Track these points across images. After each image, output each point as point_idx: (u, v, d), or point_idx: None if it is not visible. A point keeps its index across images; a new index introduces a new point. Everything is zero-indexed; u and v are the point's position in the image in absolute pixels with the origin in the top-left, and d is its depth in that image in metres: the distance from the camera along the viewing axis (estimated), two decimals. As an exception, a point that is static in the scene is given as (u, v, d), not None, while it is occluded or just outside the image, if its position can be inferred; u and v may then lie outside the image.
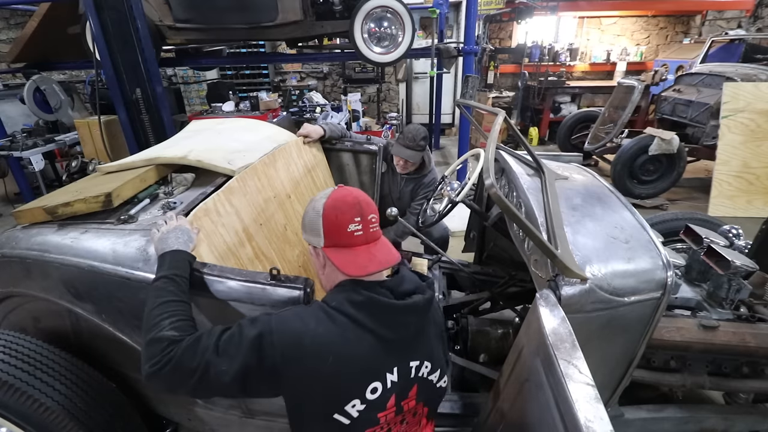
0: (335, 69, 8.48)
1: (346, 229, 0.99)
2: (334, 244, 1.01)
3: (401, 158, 2.45)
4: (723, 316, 1.61)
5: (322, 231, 1.01)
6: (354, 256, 1.00)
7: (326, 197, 1.03)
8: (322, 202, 1.03)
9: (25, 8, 6.29)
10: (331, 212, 1.00)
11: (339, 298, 0.99)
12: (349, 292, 0.99)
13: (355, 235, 1.00)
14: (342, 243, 1.01)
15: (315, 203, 1.05)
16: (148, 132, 3.34)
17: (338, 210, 1.00)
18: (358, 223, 1.00)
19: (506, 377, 1.21)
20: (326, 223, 1.01)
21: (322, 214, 1.01)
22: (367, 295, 0.97)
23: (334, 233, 1.00)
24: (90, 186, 1.58)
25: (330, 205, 1.01)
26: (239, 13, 3.79)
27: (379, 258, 1.00)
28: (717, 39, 5.97)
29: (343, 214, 1.00)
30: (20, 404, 1.18)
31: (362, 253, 1.00)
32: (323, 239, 1.02)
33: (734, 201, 4.36)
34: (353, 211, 1.00)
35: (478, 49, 5.47)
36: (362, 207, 1.02)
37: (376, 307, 0.97)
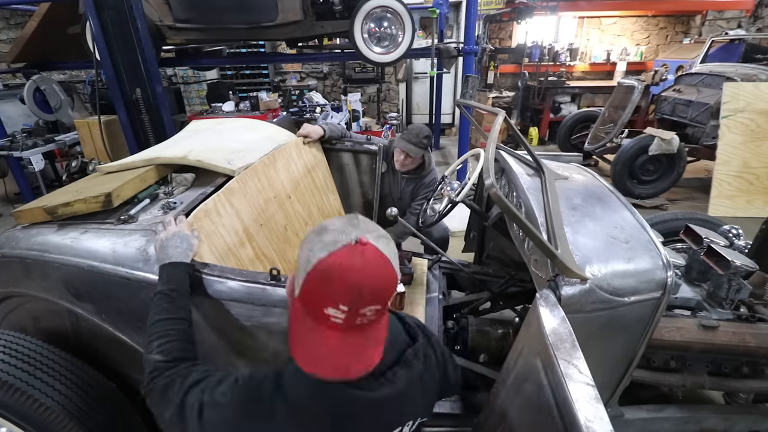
0: (335, 69, 8.48)
1: (323, 310, 0.74)
2: (304, 307, 0.77)
3: (402, 152, 2.44)
4: (723, 316, 1.61)
5: (301, 285, 0.76)
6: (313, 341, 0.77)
7: (329, 252, 0.73)
8: (321, 254, 0.73)
9: (25, 8, 6.29)
10: (317, 278, 0.73)
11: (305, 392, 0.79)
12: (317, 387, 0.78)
13: (330, 320, 0.74)
14: (311, 314, 0.76)
15: (314, 247, 0.75)
16: (148, 132, 3.34)
17: (327, 283, 0.73)
18: (341, 312, 0.73)
19: (506, 377, 1.21)
20: (308, 284, 0.75)
21: (308, 272, 0.74)
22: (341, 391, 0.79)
23: (309, 301, 0.76)
24: (90, 186, 1.58)
25: (322, 270, 0.73)
26: (239, 13, 3.79)
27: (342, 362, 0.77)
28: (717, 39, 5.97)
29: (326, 293, 0.73)
30: (20, 404, 1.18)
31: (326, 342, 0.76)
32: (299, 291, 0.77)
33: (734, 201, 4.36)
34: (344, 297, 0.72)
35: (478, 49, 5.47)
36: (361, 297, 0.72)
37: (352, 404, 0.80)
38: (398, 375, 0.85)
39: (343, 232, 0.75)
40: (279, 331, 1.20)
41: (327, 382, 0.77)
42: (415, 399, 0.90)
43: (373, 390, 0.81)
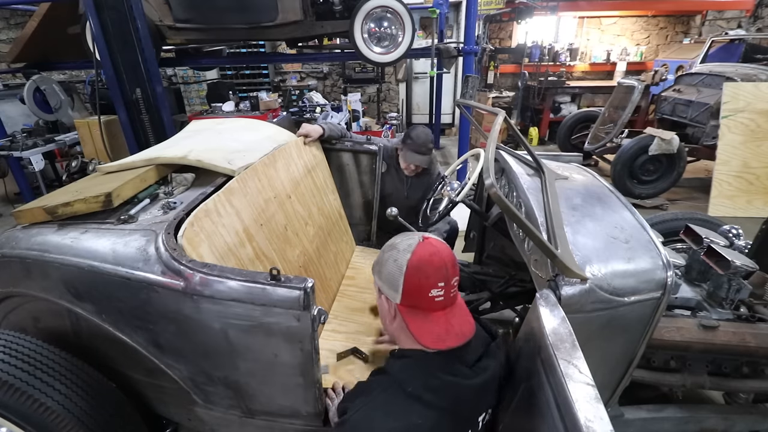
0: (335, 69, 8.48)
1: (428, 294, 0.93)
2: (411, 305, 0.96)
3: (413, 164, 2.44)
4: (723, 316, 1.61)
5: (401, 289, 0.95)
6: (431, 324, 0.95)
7: (411, 252, 0.94)
8: (406, 257, 0.94)
9: (25, 8, 6.29)
10: (414, 273, 0.93)
11: (416, 383, 0.93)
12: (425, 377, 0.94)
13: (435, 301, 0.94)
14: (420, 306, 0.95)
15: (398, 256, 0.96)
16: (148, 132, 3.34)
17: (423, 273, 0.93)
18: (441, 288, 0.93)
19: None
20: (408, 283, 0.94)
21: (405, 272, 0.94)
22: (445, 380, 0.94)
23: (414, 295, 0.94)
24: (90, 186, 1.58)
25: (415, 266, 0.93)
26: (239, 13, 3.78)
27: (456, 329, 0.96)
28: (717, 39, 5.97)
29: (428, 279, 0.93)
30: (20, 404, 1.18)
31: (440, 322, 0.95)
32: (401, 297, 0.96)
33: (734, 201, 4.36)
34: (439, 275, 0.93)
35: (478, 49, 5.47)
36: (449, 271, 0.95)
37: (455, 391, 0.94)
38: (488, 365, 1.01)
39: (409, 238, 0.99)
40: (279, 331, 1.20)
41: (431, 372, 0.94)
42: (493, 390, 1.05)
43: (470, 378, 0.97)
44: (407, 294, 0.95)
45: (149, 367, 1.39)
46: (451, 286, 0.96)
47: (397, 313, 0.99)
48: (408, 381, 0.94)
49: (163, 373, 1.38)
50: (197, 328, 1.25)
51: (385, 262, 0.99)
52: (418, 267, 0.93)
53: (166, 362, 1.35)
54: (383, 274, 0.99)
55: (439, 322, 0.95)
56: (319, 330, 1.40)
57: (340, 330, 1.96)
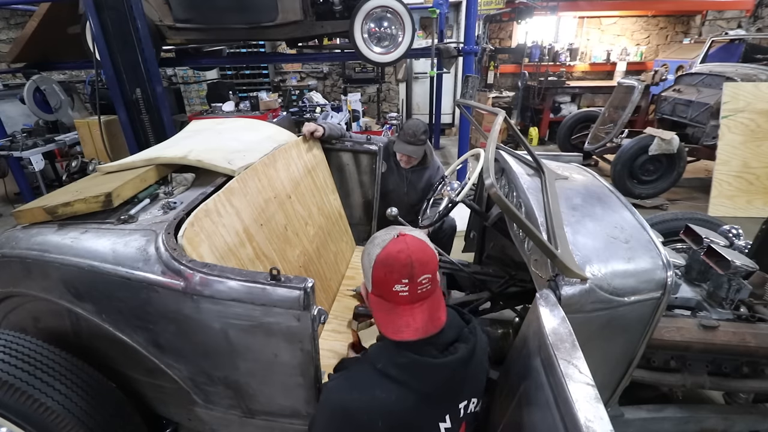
0: (335, 69, 8.48)
1: (391, 288, 0.99)
2: (379, 294, 1.02)
3: (404, 154, 2.46)
4: (723, 316, 1.61)
5: (371, 280, 1.03)
6: (393, 316, 1.00)
7: (382, 247, 1.01)
8: (376, 251, 1.01)
9: (25, 8, 6.29)
10: (380, 267, 1.00)
11: (383, 359, 1.01)
12: (393, 354, 1.01)
13: (399, 295, 0.99)
14: (386, 298, 1.01)
15: (372, 249, 1.03)
16: (148, 132, 3.34)
17: (387, 267, 0.99)
18: (404, 285, 0.98)
19: (506, 377, 1.21)
20: (375, 274, 1.01)
21: (373, 265, 1.01)
22: (412, 358, 0.99)
23: (380, 287, 1.01)
24: (90, 186, 1.58)
25: (381, 260, 0.99)
26: (239, 13, 3.78)
27: (419, 325, 1.00)
28: (717, 39, 5.97)
29: (391, 274, 0.98)
30: (20, 404, 1.18)
31: (402, 315, 1.00)
32: (371, 286, 1.04)
33: (734, 201, 4.36)
34: (403, 272, 0.98)
35: (478, 49, 5.47)
36: (413, 269, 0.98)
37: (421, 368, 0.99)
38: (459, 348, 1.04)
39: (387, 233, 1.04)
40: (279, 331, 1.20)
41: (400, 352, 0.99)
42: (475, 374, 1.09)
43: (438, 358, 1.01)
44: (375, 285, 1.02)
45: (149, 367, 1.39)
46: (418, 284, 0.99)
47: (370, 299, 1.07)
48: (378, 358, 1.03)
49: (163, 373, 1.38)
50: (197, 328, 1.25)
51: (365, 253, 1.07)
52: (384, 262, 0.99)
53: (166, 362, 1.35)
54: (363, 262, 1.07)
55: (402, 315, 1.00)
56: (319, 330, 1.40)
57: (340, 330, 1.96)
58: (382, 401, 0.97)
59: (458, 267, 2.25)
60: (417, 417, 0.99)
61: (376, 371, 1.00)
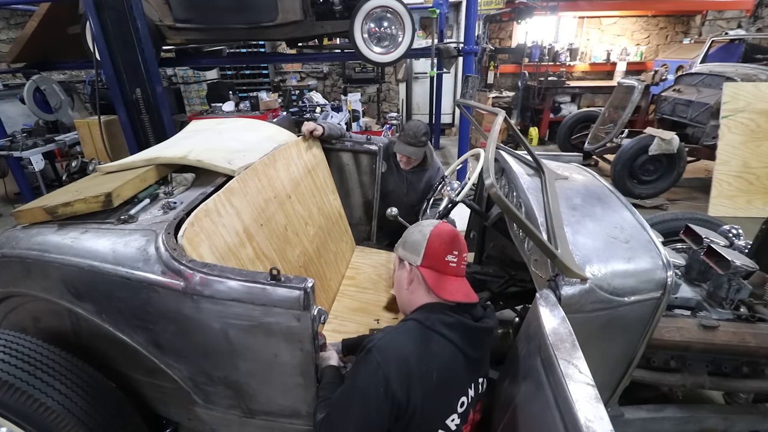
0: (335, 69, 8.48)
1: (444, 258, 1.14)
2: (430, 265, 1.15)
3: (404, 155, 2.45)
4: (723, 316, 1.61)
5: (423, 251, 1.15)
6: (446, 282, 1.14)
7: (433, 226, 1.18)
8: (429, 228, 1.17)
9: (25, 8, 6.29)
10: (436, 239, 1.15)
11: (432, 318, 1.10)
12: (440, 315, 1.11)
13: (450, 265, 1.15)
14: (438, 267, 1.14)
15: (422, 227, 1.19)
16: (148, 132, 3.34)
17: (442, 240, 1.15)
18: (455, 256, 1.15)
19: (506, 377, 1.21)
20: (429, 246, 1.14)
21: (428, 238, 1.15)
22: (458, 318, 1.11)
23: (433, 257, 1.14)
24: (90, 186, 1.58)
25: (436, 233, 1.16)
26: (239, 13, 3.78)
27: (465, 291, 1.15)
28: (717, 39, 5.97)
29: (445, 245, 1.15)
30: (20, 404, 1.18)
31: (453, 282, 1.15)
32: (421, 259, 1.15)
33: (734, 201, 4.36)
34: (453, 245, 1.15)
35: (478, 49, 5.47)
36: (461, 244, 1.17)
37: (465, 328, 1.11)
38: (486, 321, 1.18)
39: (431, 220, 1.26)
40: (279, 331, 1.20)
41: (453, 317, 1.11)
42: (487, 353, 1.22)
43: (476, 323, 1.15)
44: (428, 256, 1.14)
45: (149, 367, 1.39)
46: (462, 258, 1.17)
47: (416, 274, 1.16)
48: (426, 318, 1.10)
49: (163, 373, 1.38)
50: (197, 328, 1.25)
51: (410, 235, 1.21)
52: (438, 234, 1.16)
53: (166, 362, 1.35)
54: (407, 243, 1.20)
55: (452, 282, 1.14)
56: (319, 330, 1.40)
57: (340, 330, 1.96)
58: (437, 354, 1.05)
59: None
60: (460, 376, 1.09)
61: (426, 328, 1.08)
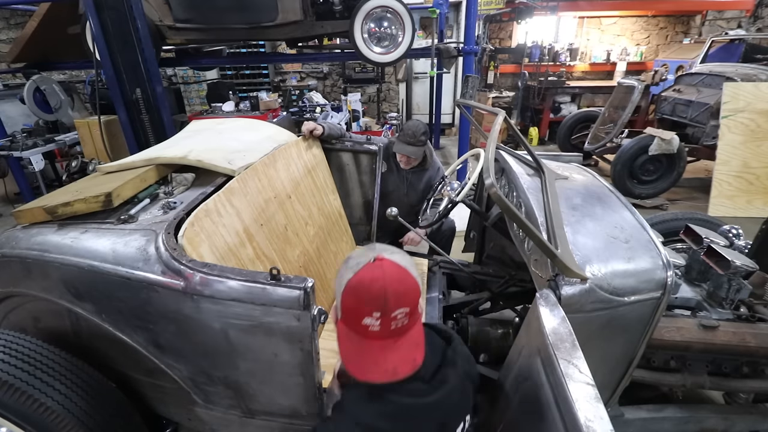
0: (335, 69, 8.47)
1: (361, 321, 0.85)
2: (348, 325, 0.88)
3: (404, 155, 2.45)
4: (723, 316, 1.61)
5: (340, 306, 0.89)
6: (362, 352, 0.87)
7: (355, 271, 0.86)
8: (348, 276, 0.86)
9: (25, 8, 6.29)
10: (349, 295, 0.86)
11: (369, 413, 0.87)
12: (377, 402, 0.87)
13: (369, 330, 0.85)
14: (355, 330, 0.87)
15: (344, 272, 0.89)
16: (148, 132, 3.34)
17: (357, 297, 0.85)
18: (376, 319, 0.83)
19: (506, 377, 1.21)
20: (344, 303, 0.88)
21: (343, 291, 0.87)
22: (400, 403, 0.86)
23: (349, 317, 0.87)
24: (90, 186, 1.58)
25: (351, 287, 0.85)
26: (239, 13, 3.79)
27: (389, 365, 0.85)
28: (717, 39, 5.97)
29: (360, 304, 0.84)
30: (20, 404, 1.18)
31: (371, 352, 0.86)
32: (340, 314, 0.90)
33: (734, 201, 4.36)
34: (374, 304, 0.83)
35: (478, 49, 5.47)
36: (387, 301, 0.83)
37: (412, 412, 0.86)
38: (447, 374, 0.92)
39: (363, 256, 0.89)
40: (279, 330, 1.20)
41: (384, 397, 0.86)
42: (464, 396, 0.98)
43: (427, 395, 0.88)
44: (344, 313, 0.88)
45: (149, 367, 1.39)
46: (392, 319, 0.84)
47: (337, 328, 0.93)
48: (360, 413, 0.88)
49: (163, 373, 1.38)
50: (197, 328, 1.25)
51: (338, 274, 0.92)
52: (354, 290, 0.85)
53: (166, 362, 1.35)
54: (335, 285, 0.94)
55: (370, 351, 0.86)
56: (319, 330, 1.40)
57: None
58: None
59: (458, 267, 2.25)
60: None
61: (362, 428, 0.85)
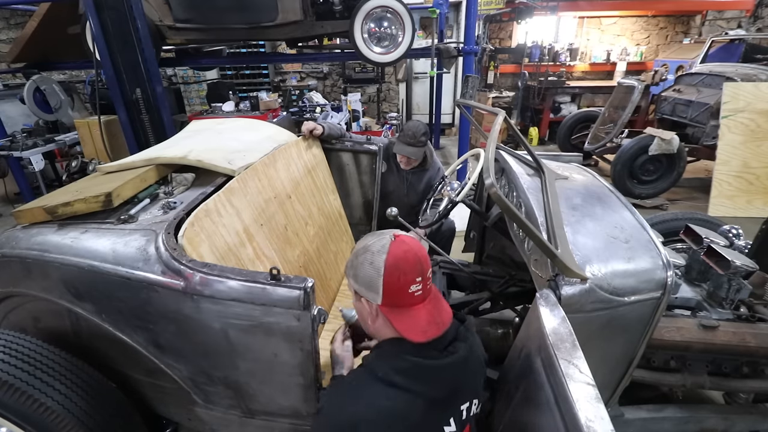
0: (335, 69, 8.47)
1: (408, 291, 0.96)
2: (393, 304, 0.97)
3: (404, 156, 2.45)
4: (723, 316, 1.61)
5: (381, 290, 0.96)
6: (414, 318, 0.98)
7: (386, 252, 0.96)
8: (382, 258, 0.95)
9: (25, 8, 6.29)
10: (393, 273, 0.95)
11: (385, 367, 0.97)
12: (394, 360, 0.97)
13: (415, 296, 0.97)
14: (402, 304, 0.97)
15: (373, 258, 0.97)
16: (148, 132, 3.34)
17: (401, 271, 0.95)
18: (419, 283, 0.96)
19: (506, 377, 1.21)
20: (387, 283, 0.95)
21: (384, 273, 0.95)
22: (413, 361, 0.96)
23: (395, 294, 0.96)
24: (90, 186, 1.58)
25: (392, 265, 0.95)
26: (239, 13, 3.79)
27: (437, 318, 1.00)
28: (717, 39, 5.97)
29: (406, 275, 0.95)
30: (20, 404, 1.18)
31: (422, 314, 0.98)
32: (381, 298, 0.97)
33: (734, 201, 4.36)
34: (416, 271, 0.96)
35: (478, 49, 5.47)
36: (423, 266, 0.97)
37: (424, 371, 0.96)
38: (458, 347, 1.02)
39: (381, 239, 1.00)
40: (279, 330, 1.20)
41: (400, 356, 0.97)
42: (474, 374, 1.07)
43: (439, 359, 0.99)
44: (387, 294, 0.96)
45: (149, 367, 1.39)
46: (427, 279, 0.99)
47: (380, 313, 1.01)
48: (378, 366, 0.98)
49: (163, 373, 1.38)
50: (197, 328, 1.25)
51: (360, 266, 0.99)
52: (396, 266, 0.95)
53: (166, 362, 1.35)
54: (360, 277, 1.00)
55: (420, 315, 0.98)
56: (319, 330, 1.40)
57: (340, 330, 1.96)
58: (390, 411, 0.92)
59: (458, 267, 2.25)
60: (424, 422, 0.95)
61: (378, 380, 0.96)
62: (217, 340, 1.26)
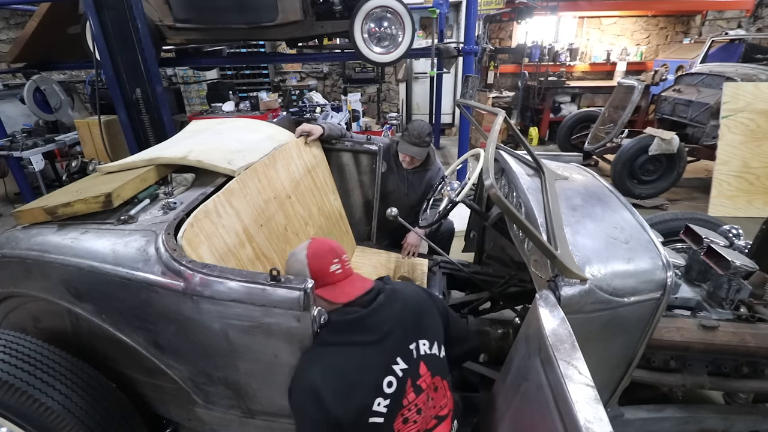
0: (335, 69, 8.47)
1: (329, 270, 1.24)
2: (322, 284, 1.22)
3: (408, 155, 2.45)
4: (723, 316, 1.61)
5: (309, 275, 1.22)
6: (340, 288, 1.24)
7: (306, 248, 1.26)
8: (304, 253, 1.25)
9: (25, 8, 6.29)
10: (314, 259, 1.24)
11: (326, 333, 1.19)
12: (332, 326, 1.19)
13: (336, 274, 1.24)
14: (328, 281, 1.23)
15: (297, 255, 1.26)
16: (148, 132, 3.34)
17: (319, 256, 1.24)
18: (337, 263, 1.25)
19: (506, 377, 1.22)
20: (312, 267, 1.23)
21: (307, 262, 1.23)
22: (343, 319, 1.18)
23: (320, 275, 1.22)
24: (90, 186, 1.58)
25: (312, 254, 1.24)
26: (239, 13, 3.79)
27: (360, 285, 1.26)
28: (717, 39, 5.97)
29: (324, 259, 1.24)
30: (20, 404, 1.18)
31: (345, 285, 1.25)
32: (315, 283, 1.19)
33: (734, 201, 4.36)
34: (332, 255, 1.25)
35: (478, 49, 5.46)
36: (337, 251, 1.27)
37: (353, 324, 1.17)
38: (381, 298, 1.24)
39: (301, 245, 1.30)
40: (279, 331, 1.20)
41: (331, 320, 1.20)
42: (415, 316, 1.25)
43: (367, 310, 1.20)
44: (315, 276, 1.21)
45: (149, 367, 1.39)
46: (344, 261, 1.27)
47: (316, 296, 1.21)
48: (323, 335, 1.19)
49: (163, 373, 1.38)
50: (197, 329, 1.25)
51: (291, 266, 1.28)
52: (314, 254, 1.25)
53: (166, 362, 1.35)
54: (292, 273, 1.26)
55: (344, 285, 1.25)
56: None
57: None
58: (336, 364, 1.12)
59: (458, 267, 2.25)
60: (369, 364, 1.13)
61: (324, 344, 1.17)
62: (217, 340, 1.26)
